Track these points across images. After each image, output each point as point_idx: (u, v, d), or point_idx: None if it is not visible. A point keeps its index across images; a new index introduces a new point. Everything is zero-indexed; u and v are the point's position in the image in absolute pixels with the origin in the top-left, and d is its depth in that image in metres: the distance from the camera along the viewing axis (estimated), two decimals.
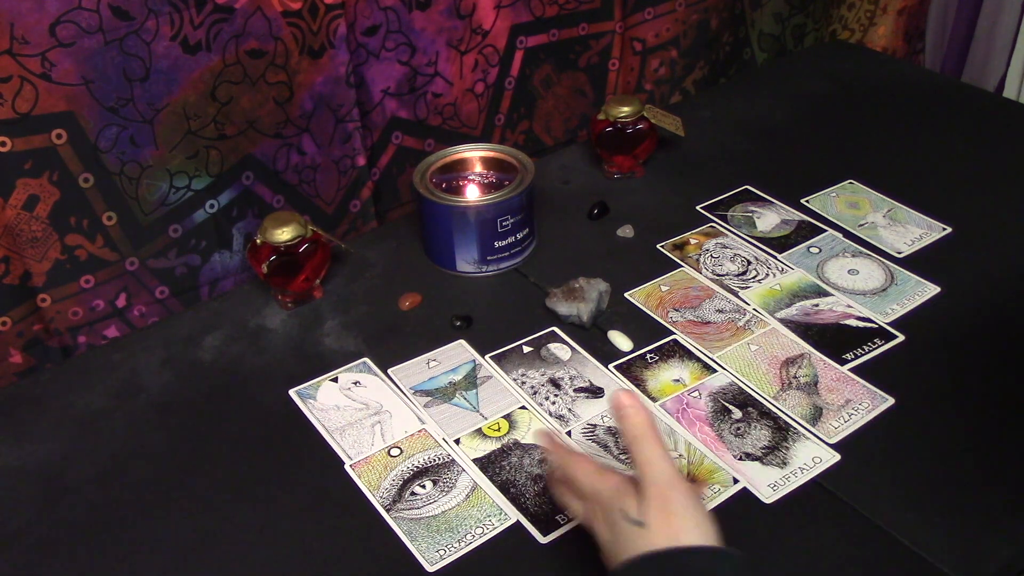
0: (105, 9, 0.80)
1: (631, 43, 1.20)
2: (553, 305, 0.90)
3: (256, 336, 0.91)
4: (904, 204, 1.04)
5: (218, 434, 0.80)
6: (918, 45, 1.52)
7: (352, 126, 1.00)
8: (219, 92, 0.89)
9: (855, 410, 0.79)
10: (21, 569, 0.70)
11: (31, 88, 0.79)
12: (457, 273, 0.97)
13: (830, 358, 0.85)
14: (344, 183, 1.04)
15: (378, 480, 0.75)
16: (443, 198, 0.95)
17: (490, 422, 0.80)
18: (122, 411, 0.83)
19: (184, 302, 0.97)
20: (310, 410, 0.82)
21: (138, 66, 0.83)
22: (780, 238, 1.00)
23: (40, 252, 0.86)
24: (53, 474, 0.77)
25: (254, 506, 0.74)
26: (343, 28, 0.94)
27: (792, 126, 1.22)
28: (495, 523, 0.71)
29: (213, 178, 0.94)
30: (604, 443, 0.77)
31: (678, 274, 0.96)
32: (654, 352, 0.86)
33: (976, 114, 1.23)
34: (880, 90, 1.29)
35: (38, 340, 0.90)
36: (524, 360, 0.86)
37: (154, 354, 0.89)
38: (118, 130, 0.85)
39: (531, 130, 1.18)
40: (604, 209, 1.05)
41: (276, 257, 0.89)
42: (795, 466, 0.75)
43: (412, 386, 0.84)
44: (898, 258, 0.97)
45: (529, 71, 1.13)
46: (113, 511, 0.74)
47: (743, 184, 1.09)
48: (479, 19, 1.05)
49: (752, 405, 0.80)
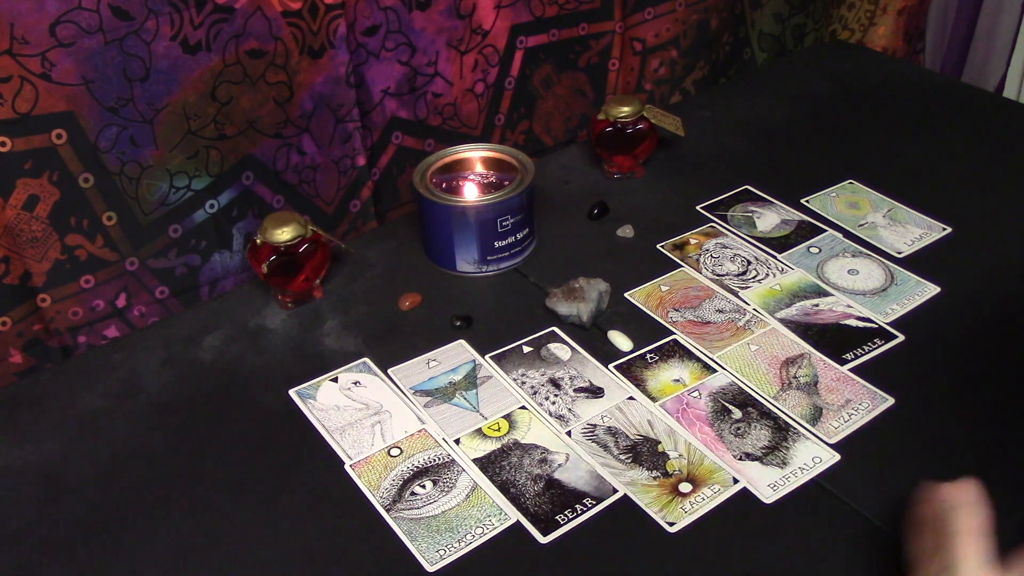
0: (105, 9, 0.80)
1: (631, 43, 1.20)
2: (553, 305, 0.90)
3: (256, 336, 0.91)
4: (904, 204, 1.04)
5: (218, 434, 0.80)
6: (918, 45, 1.52)
7: (352, 126, 1.00)
8: (219, 92, 0.89)
9: (855, 410, 0.79)
10: (21, 569, 0.70)
11: (31, 88, 0.79)
12: (457, 273, 0.97)
13: (830, 358, 0.85)
14: (344, 183, 1.04)
15: (378, 480, 0.75)
16: (443, 198, 0.95)
17: (490, 422, 0.80)
18: (122, 411, 0.83)
19: (184, 302, 0.97)
20: (310, 410, 0.82)
21: (138, 66, 0.83)
22: (780, 238, 1.00)
23: (40, 252, 0.86)
24: (53, 474, 0.77)
25: (254, 506, 0.74)
26: (343, 28, 0.94)
27: (792, 126, 1.22)
28: (495, 523, 0.71)
29: (213, 178, 0.94)
30: (604, 443, 0.78)
31: (678, 274, 0.96)
32: (654, 352, 0.86)
33: (976, 114, 1.23)
34: (880, 90, 1.29)
35: (38, 340, 0.90)
36: (524, 360, 0.86)
37: (154, 354, 0.89)
38: (118, 130, 0.85)
39: (531, 130, 1.18)
40: (604, 209, 1.05)
41: (276, 257, 0.89)
42: (795, 466, 0.75)
43: (412, 386, 0.84)
44: (898, 258, 0.97)
45: (529, 71, 1.13)
46: (113, 511, 0.74)
47: (743, 184, 1.09)
48: (479, 19, 1.05)
49: (752, 405, 0.80)
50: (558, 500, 0.73)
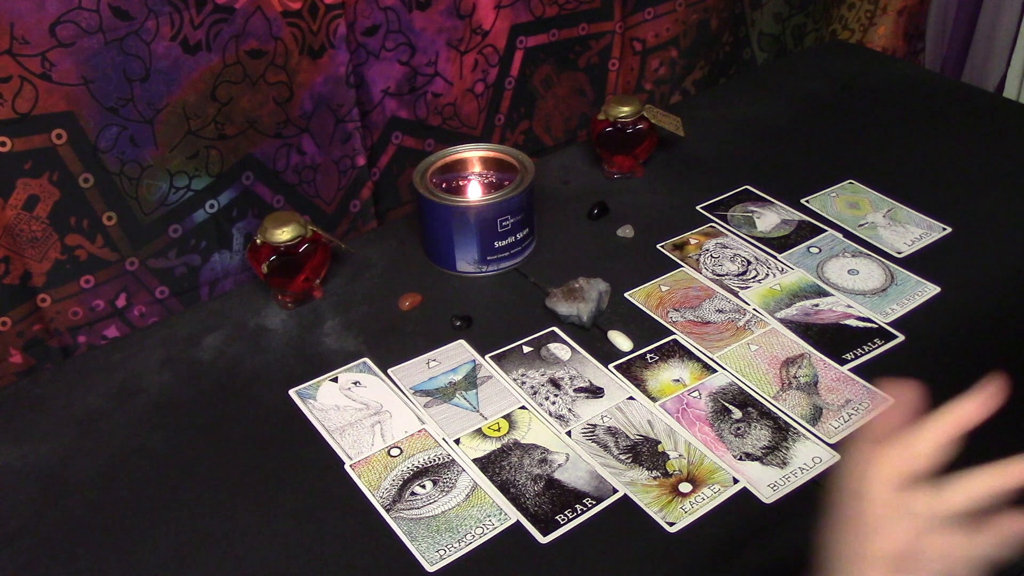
0: (105, 9, 0.80)
1: (631, 43, 1.20)
2: (553, 305, 0.90)
3: (256, 336, 0.91)
4: (904, 204, 1.04)
5: (218, 434, 0.80)
6: (918, 45, 1.52)
7: (352, 126, 1.00)
8: (219, 92, 0.89)
9: (855, 410, 0.79)
10: (21, 569, 0.70)
11: (31, 88, 0.79)
12: (457, 273, 0.97)
13: (830, 358, 0.85)
14: (344, 183, 1.04)
15: (378, 480, 0.75)
16: (443, 198, 0.95)
17: (490, 422, 0.80)
18: (122, 411, 0.83)
19: (184, 302, 0.97)
20: (310, 410, 0.82)
21: (138, 66, 0.83)
22: (780, 238, 1.00)
23: (40, 252, 0.86)
24: (53, 474, 0.77)
25: (254, 506, 0.74)
26: (343, 28, 0.94)
27: (792, 126, 1.22)
28: (495, 523, 0.71)
29: (213, 178, 0.94)
30: (604, 443, 0.77)
31: (678, 274, 0.96)
32: (654, 352, 0.86)
33: (976, 114, 1.23)
34: (880, 90, 1.29)
35: (38, 340, 0.90)
36: (524, 360, 0.86)
37: (154, 354, 0.89)
38: (118, 130, 0.85)
39: (531, 130, 1.18)
40: (604, 209, 1.05)
41: (276, 257, 0.89)
42: (795, 466, 0.75)
43: (412, 386, 0.84)
44: (898, 258, 0.97)
45: (529, 71, 1.13)
46: (113, 511, 0.74)
47: (743, 184, 1.09)
48: (479, 19, 1.05)
49: (752, 405, 0.80)
50: (558, 500, 0.73)
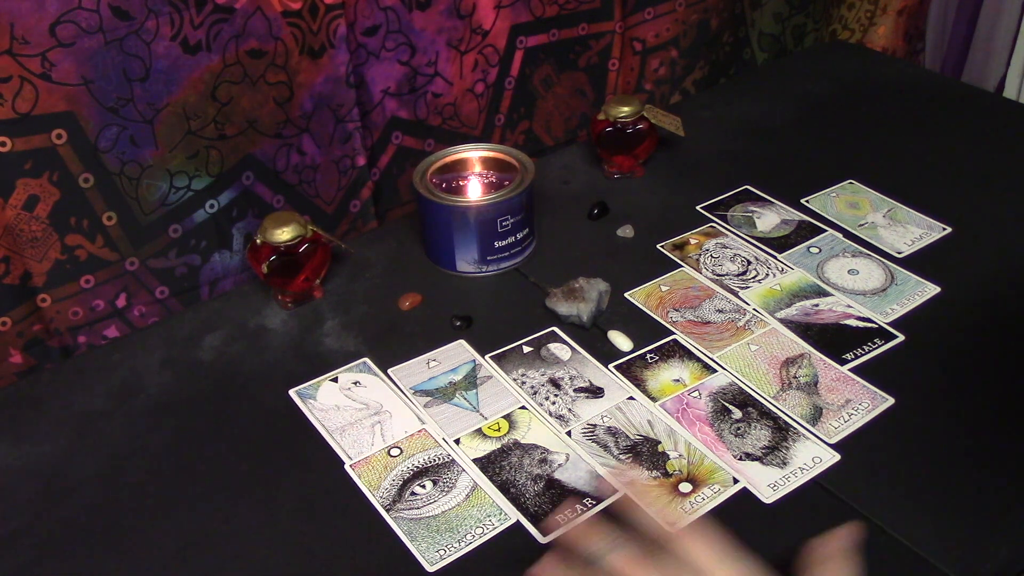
0: (105, 9, 0.80)
1: (631, 43, 1.20)
2: (553, 305, 0.90)
3: (256, 336, 0.91)
4: (904, 204, 1.04)
5: (218, 434, 0.80)
6: (918, 45, 1.52)
7: (352, 126, 1.00)
8: (219, 92, 0.89)
9: (855, 410, 0.79)
10: (21, 569, 0.70)
11: (31, 88, 0.79)
12: (457, 273, 0.97)
13: (830, 358, 0.85)
14: (344, 183, 1.04)
15: (378, 480, 0.75)
16: (443, 198, 0.95)
17: (490, 422, 0.80)
18: (122, 411, 0.83)
19: (184, 302, 0.97)
20: (310, 410, 0.82)
21: (138, 66, 0.83)
22: (780, 238, 1.00)
23: (40, 252, 0.86)
24: (53, 474, 0.77)
25: (254, 506, 0.74)
26: (343, 28, 0.94)
27: (792, 126, 1.22)
28: (495, 523, 0.71)
29: (213, 178, 0.94)
30: (604, 443, 0.77)
31: (678, 274, 0.96)
32: (654, 352, 0.86)
33: (976, 114, 1.23)
34: (880, 90, 1.29)
35: (38, 340, 0.90)
36: (524, 360, 0.86)
37: (154, 354, 0.89)
38: (118, 130, 0.85)
39: (531, 130, 1.18)
40: (604, 209, 1.05)
41: (276, 257, 0.89)
42: (795, 466, 0.75)
43: (412, 386, 0.84)
44: (898, 258, 0.97)
45: (529, 71, 1.13)
46: (113, 511, 0.74)
47: (743, 184, 1.09)
48: (479, 19, 1.05)
49: (752, 405, 0.80)
50: (558, 500, 0.73)
